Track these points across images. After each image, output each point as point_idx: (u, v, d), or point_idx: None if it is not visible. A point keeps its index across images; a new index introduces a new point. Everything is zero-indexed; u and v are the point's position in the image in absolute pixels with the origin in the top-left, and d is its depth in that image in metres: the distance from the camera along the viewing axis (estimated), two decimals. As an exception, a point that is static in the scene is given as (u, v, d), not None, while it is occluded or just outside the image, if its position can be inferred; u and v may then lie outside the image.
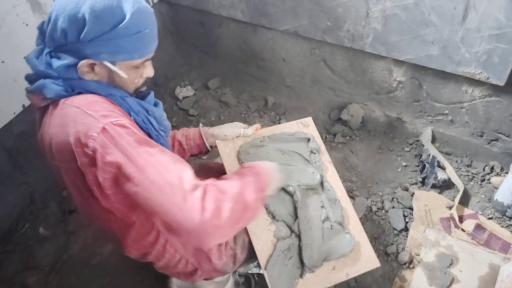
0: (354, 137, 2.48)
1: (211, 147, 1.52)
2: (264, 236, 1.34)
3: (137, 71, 1.10)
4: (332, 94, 2.58)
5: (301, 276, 1.29)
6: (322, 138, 2.47)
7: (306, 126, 1.68)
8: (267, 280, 1.26)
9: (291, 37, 2.43)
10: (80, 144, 0.94)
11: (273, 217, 1.38)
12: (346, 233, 1.39)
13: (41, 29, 1.06)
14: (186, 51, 2.94)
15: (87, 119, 0.94)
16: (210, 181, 1.00)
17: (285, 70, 2.64)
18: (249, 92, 2.79)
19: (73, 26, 0.96)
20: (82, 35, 0.96)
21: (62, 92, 1.01)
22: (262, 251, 1.31)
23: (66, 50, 1.00)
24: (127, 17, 0.98)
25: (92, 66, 1.02)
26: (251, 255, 1.42)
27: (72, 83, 1.02)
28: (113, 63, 1.03)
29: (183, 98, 2.74)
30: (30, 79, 1.08)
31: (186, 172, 0.95)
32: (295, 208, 1.39)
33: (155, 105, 1.25)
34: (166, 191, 0.91)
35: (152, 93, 1.25)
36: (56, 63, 1.00)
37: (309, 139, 1.62)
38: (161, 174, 0.92)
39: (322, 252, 1.33)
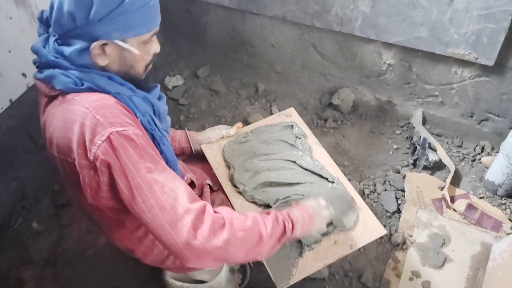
0: (345, 121, 2.48)
1: (195, 150, 1.59)
2: None
3: (146, 46, 1.09)
4: (322, 79, 2.57)
5: (300, 255, 1.28)
6: (313, 123, 2.48)
7: (289, 116, 1.70)
8: (266, 264, 1.26)
9: (280, 22, 2.41)
10: (83, 147, 0.94)
11: (268, 205, 1.38)
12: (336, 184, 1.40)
13: (41, 19, 1.05)
14: (174, 40, 2.91)
15: (94, 124, 0.93)
16: (223, 211, 1.01)
17: (274, 56, 2.62)
18: (239, 80, 2.78)
19: (80, 8, 0.94)
20: (91, 16, 0.94)
21: (72, 85, 0.99)
22: None
23: (75, 34, 0.98)
24: None
25: (103, 48, 1.01)
26: None
27: (81, 75, 1.01)
28: (124, 41, 1.02)
29: (173, 87, 2.72)
30: (39, 64, 1.05)
31: (181, 195, 0.95)
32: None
33: (160, 99, 1.25)
34: (156, 213, 0.92)
35: (159, 87, 1.26)
36: (67, 50, 0.99)
37: (292, 126, 1.63)
38: (154, 195, 0.93)
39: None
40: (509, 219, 1.93)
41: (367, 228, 1.34)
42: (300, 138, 1.57)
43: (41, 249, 1.93)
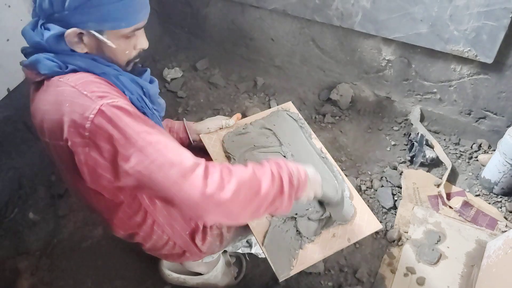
0: (343, 117, 2.48)
1: (194, 141, 1.57)
2: None
3: (128, 41, 1.07)
4: (321, 74, 2.56)
5: (300, 247, 1.29)
6: (311, 118, 2.48)
7: (287, 111, 1.70)
8: (267, 256, 1.26)
9: (280, 16, 2.40)
10: (75, 124, 0.92)
11: None
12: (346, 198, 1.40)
13: (35, 0, 1.04)
14: (173, 31, 2.89)
15: (83, 100, 0.92)
16: (222, 164, 1.00)
17: (274, 50, 2.61)
18: (238, 73, 2.77)
19: None
20: (66, 3, 0.94)
21: (56, 69, 0.99)
22: (257, 227, 1.32)
23: (54, 19, 0.98)
24: None
25: (80, 36, 1.00)
26: (238, 233, 1.43)
27: (65, 58, 1.00)
28: (101, 32, 1.00)
29: (171, 79, 2.71)
30: (25, 52, 1.05)
31: (185, 152, 0.95)
32: None
33: (151, 82, 1.23)
34: (166, 169, 0.90)
35: (149, 70, 1.23)
36: (46, 34, 0.98)
37: (294, 118, 1.64)
38: (161, 153, 0.91)
39: (320, 220, 1.34)
40: (505, 217, 1.94)
41: (364, 222, 1.36)
42: (302, 127, 1.60)
43: (37, 240, 1.93)
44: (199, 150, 1.62)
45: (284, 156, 1.51)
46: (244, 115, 1.70)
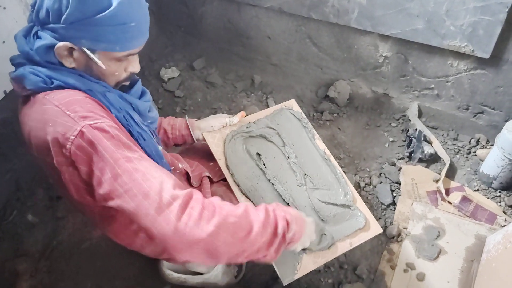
0: (341, 114, 2.48)
1: (197, 139, 1.52)
2: None
3: (119, 64, 1.07)
4: (318, 71, 2.56)
5: (304, 251, 1.29)
6: (309, 116, 2.48)
7: (290, 108, 1.68)
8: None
9: (276, 14, 2.40)
10: (58, 144, 0.92)
11: None
12: (353, 210, 1.40)
13: (34, 5, 1.03)
14: (169, 31, 2.89)
15: (65, 120, 0.92)
16: (212, 198, 0.96)
17: (270, 48, 2.61)
18: (235, 72, 2.76)
19: (56, 6, 0.94)
20: (64, 16, 0.94)
21: (41, 84, 0.99)
22: None
23: (49, 30, 0.98)
24: (113, 5, 0.94)
25: (71, 51, 1.00)
26: None
27: (51, 73, 1.00)
28: (93, 51, 1.00)
29: (169, 79, 2.71)
30: (13, 62, 1.05)
31: (165, 183, 0.91)
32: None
33: (142, 94, 1.22)
34: (139, 200, 0.88)
35: (139, 82, 1.22)
36: (37, 43, 0.98)
37: (297, 118, 1.63)
38: (136, 182, 0.89)
39: (332, 231, 1.35)
40: (504, 212, 1.94)
41: (364, 226, 1.37)
42: (306, 127, 1.59)
43: (36, 242, 1.92)
44: (199, 150, 1.60)
45: (288, 157, 1.50)
46: (244, 114, 1.67)
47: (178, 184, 0.94)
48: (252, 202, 1.37)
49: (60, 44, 0.96)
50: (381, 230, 1.37)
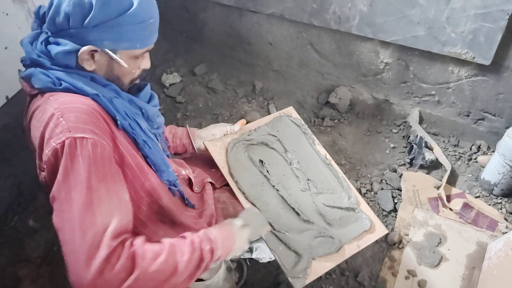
0: (342, 120, 2.48)
1: (198, 149, 1.52)
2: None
3: (136, 61, 1.09)
4: (319, 77, 2.57)
5: (313, 257, 1.30)
6: (310, 121, 2.49)
7: (289, 116, 1.69)
8: (281, 264, 1.29)
9: (277, 20, 2.41)
10: (42, 147, 0.94)
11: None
12: (357, 212, 1.41)
13: (38, 14, 1.04)
14: (171, 37, 2.90)
15: (55, 125, 0.92)
16: (138, 243, 0.95)
17: (272, 54, 2.62)
18: (236, 78, 2.77)
19: (78, 10, 0.94)
20: (86, 20, 0.94)
21: (50, 84, 0.99)
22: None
23: (67, 35, 0.98)
24: (135, 5, 0.97)
25: (92, 54, 1.00)
26: None
27: (61, 76, 1.00)
28: (115, 51, 1.02)
29: (170, 85, 2.72)
30: (24, 63, 1.05)
31: (110, 227, 0.90)
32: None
33: (151, 98, 1.22)
34: (75, 235, 0.87)
35: (148, 86, 1.22)
36: (55, 49, 0.98)
37: (297, 124, 1.63)
38: (80, 219, 0.88)
39: (339, 235, 1.35)
40: (505, 219, 1.94)
41: (370, 228, 1.38)
42: (305, 133, 1.60)
43: (38, 247, 1.92)
44: (201, 157, 1.60)
45: (290, 164, 1.50)
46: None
47: (120, 231, 0.92)
48: (258, 208, 1.38)
49: (84, 48, 0.97)
50: (387, 231, 1.39)
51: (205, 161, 1.58)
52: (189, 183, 1.43)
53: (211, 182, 1.49)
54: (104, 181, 0.93)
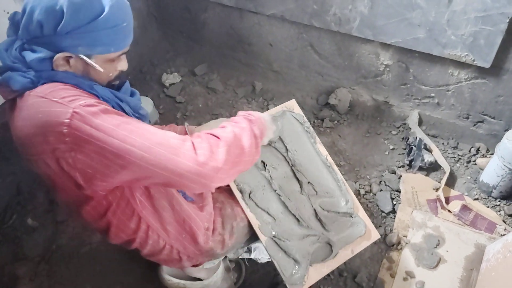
0: (342, 121, 2.48)
1: None
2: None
3: (112, 64, 1.10)
4: (319, 78, 2.57)
5: (310, 264, 1.33)
6: (310, 123, 2.47)
7: (291, 110, 1.69)
8: (280, 271, 1.32)
9: (278, 21, 2.41)
10: (54, 132, 0.92)
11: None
12: (354, 217, 1.41)
13: (13, 20, 1.04)
14: (171, 37, 2.90)
15: (55, 107, 0.93)
16: (204, 132, 1.06)
17: (272, 55, 2.62)
18: (236, 78, 2.77)
19: (50, 18, 0.95)
20: (59, 28, 0.95)
21: (29, 84, 0.99)
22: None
23: (41, 42, 0.99)
24: (106, 10, 0.98)
25: (67, 59, 1.02)
26: (240, 240, 1.43)
27: (40, 74, 1.01)
28: (89, 56, 1.03)
29: (170, 85, 2.72)
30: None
31: (168, 132, 0.99)
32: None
33: (132, 94, 1.23)
34: (155, 151, 0.93)
35: (127, 83, 1.23)
36: (30, 56, 0.99)
37: (299, 121, 1.64)
38: (145, 137, 0.94)
39: (335, 241, 1.36)
40: (503, 221, 1.94)
41: (365, 234, 1.39)
42: (308, 132, 1.60)
43: (36, 245, 1.92)
44: None
45: (292, 165, 1.51)
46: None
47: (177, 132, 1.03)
48: (260, 209, 1.40)
49: (59, 55, 0.99)
50: (379, 236, 1.41)
51: None
52: None
53: None
54: (130, 117, 1.00)
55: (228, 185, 1.45)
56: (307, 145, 1.57)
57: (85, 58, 1.02)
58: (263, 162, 1.50)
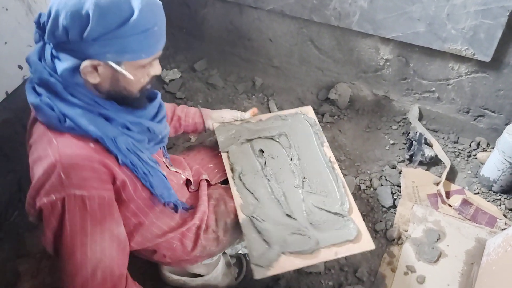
0: (342, 116, 2.48)
1: (208, 128, 1.60)
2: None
3: (144, 70, 1.03)
4: (320, 73, 2.57)
5: (283, 252, 1.27)
6: (310, 118, 2.48)
7: (305, 114, 1.70)
8: (248, 251, 1.28)
9: (278, 16, 2.40)
10: (37, 191, 0.96)
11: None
12: (346, 220, 1.35)
13: (38, 23, 0.97)
14: (171, 33, 2.89)
15: (56, 179, 0.93)
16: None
17: (272, 51, 2.61)
18: (236, 74, 2.77)
19: (75, 23, 0.88)
20: (85, 34, 0.88)
21: (55, 121, 0.95)
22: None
23: (68, 49, 0.93)
24: (135, 13, 0.90)
25: (95, 67, 0.95)
26: (236, 236, 1.44)
27: (66, 111, 0.96)
28: (119, 63, 0.95)
29: (170, 81, 2.71)
30: (32, 85, 0.99)
31: (108, 269, 1.05)
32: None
33: (159, 108, 1.20)
34: (72, 269, 1.02)
35: (159, 96, 1.20)
36: (59, 66, 0.94)
37: (309, 123, 1.65)
38: (89, 258, 1.00)
39: (318, 237, 1.33)
40: (504, 215, 1.94)
41: (355, 239, 1.32)
42: (317, 133, 1.61)
43: (38, 242, 1.92)
44: (204, 154, 1.62)
45: (291, 159, 1.51)
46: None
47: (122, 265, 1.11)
48: (247, 189, 1.43)
49: (86, 63, 0.92)
50: (373, 247, 1.30)
51: (205, 156, 1.60)
52: (186, 184, 1.47)
53: (206, 179, 1.51)
54: (99, 224, 1.00)
55: (225, 182, 1.47)
56: (312, 144, 1.58)
57: (114, 65, 0.95)
58: (262, 151, 1.53)
